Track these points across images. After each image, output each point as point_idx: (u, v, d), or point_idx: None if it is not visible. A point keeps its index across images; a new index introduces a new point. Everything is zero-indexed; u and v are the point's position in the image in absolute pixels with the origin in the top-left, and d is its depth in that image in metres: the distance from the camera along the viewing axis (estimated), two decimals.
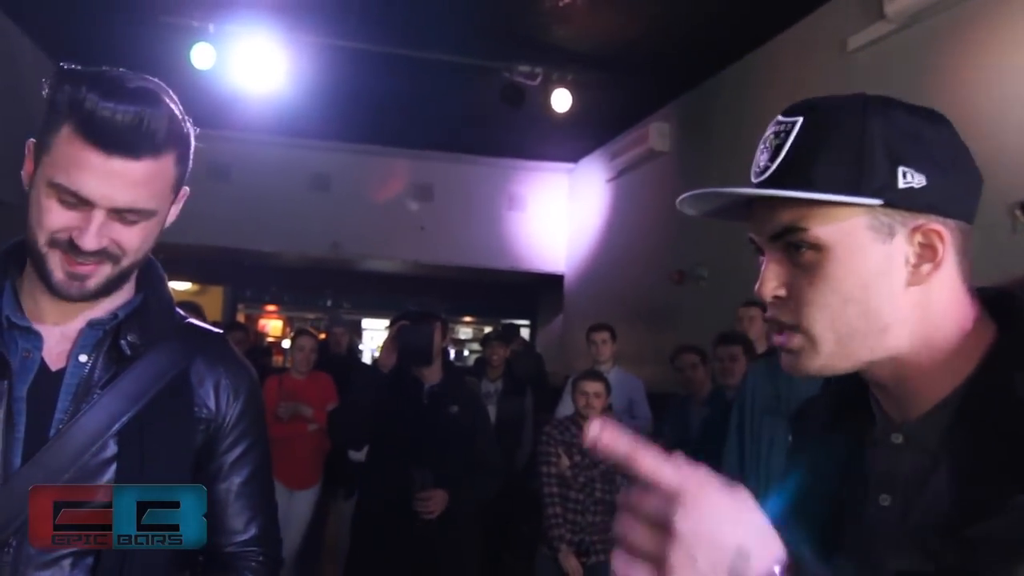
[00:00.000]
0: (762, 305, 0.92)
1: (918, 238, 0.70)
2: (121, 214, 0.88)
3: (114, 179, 0.86)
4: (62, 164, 0.85)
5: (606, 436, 0.54)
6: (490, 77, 5.38)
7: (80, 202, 0.86)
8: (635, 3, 4.51)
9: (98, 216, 0.86)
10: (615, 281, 6.68)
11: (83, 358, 0.94)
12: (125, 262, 0.91)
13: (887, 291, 0.70)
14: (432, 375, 2.57)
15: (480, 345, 5.19)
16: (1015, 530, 0.58)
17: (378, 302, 8.96)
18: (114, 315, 0.96)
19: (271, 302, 9.41)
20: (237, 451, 1.05)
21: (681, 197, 0.78)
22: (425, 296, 8.68)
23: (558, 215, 7.76)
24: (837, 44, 4.02)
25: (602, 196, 6.98)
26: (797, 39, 4.50)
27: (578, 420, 3.12)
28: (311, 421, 3.72)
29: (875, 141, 0.69)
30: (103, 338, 0.96)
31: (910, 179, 0.69)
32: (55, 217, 0.87)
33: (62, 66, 0.88)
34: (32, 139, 0.91)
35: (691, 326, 4.66)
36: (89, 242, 0.86)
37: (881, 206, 0.69)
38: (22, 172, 0.92)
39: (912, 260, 0.70)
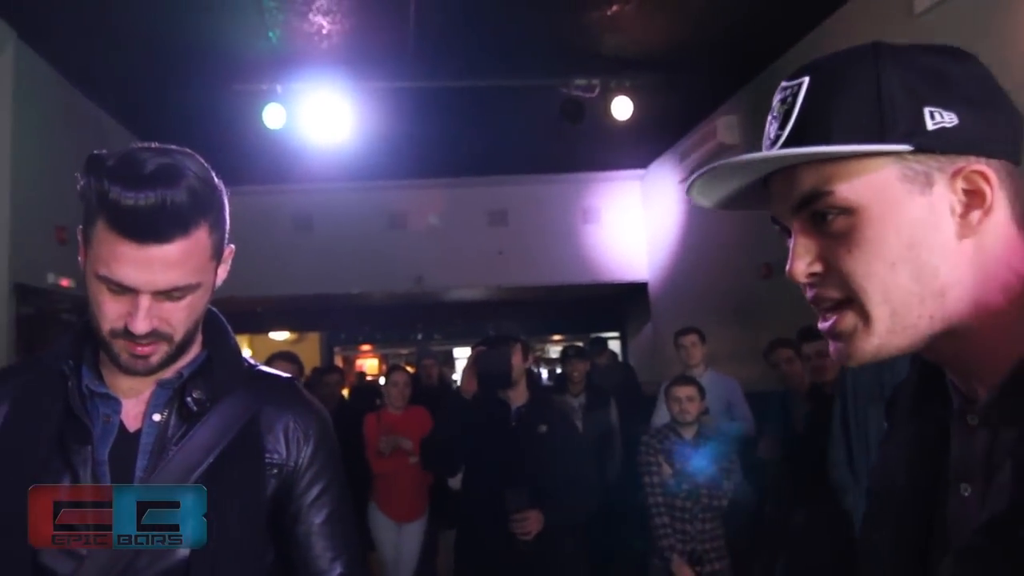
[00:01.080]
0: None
1: (961, 183, 0.62)
2: (166, 294, 0.92)
3: (152, 265, 0.89)
4: (103, 257, 0.89)
5: None
6: (548, 95, 5.41)
7: (125, 290, 0.90)
8: (682, 1, 4.46)
9: (144, 301, 0.90)
10: (700, 282, 6.55)
11: (156, 417, 0.99)
12: (178, 336, 0.96)
13: (938, 247, 0.62)
14: (518, 397, 2.60)
15: (560, 362, 5.18)
16: None
17: (466, 330, 9.10)
18: (180, 374, 1.01)
19: (365, 342, 9.71)
20: (313, 492, 1.06)
21: (688, 183, 0.71)
22: (511, 319, 8.78)
23: (634, 223, 7.69)
24: (903, 8, 3.85)
25: (676, 198, 6.87)
26: (859, 10, 4.33)
27: (675, 427, 3.08)
28: (411, 454, 3.80)
29: (893, 84, 0.62)
30: (173, 396, 1.00)
31: (940, 119, 0.61)
32: (108, 307, 0.92)
33: (90, 156, 0.91)
34: (79, 228, 0.95)
35: (783, 320, 4.49)
36: (140, 326, 0.90)
37: (912, 152, 0.61)
38: (78, 259, 0.96)
39: (959, 209, 0.62)
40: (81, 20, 4.12)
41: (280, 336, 9.93)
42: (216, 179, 0.98)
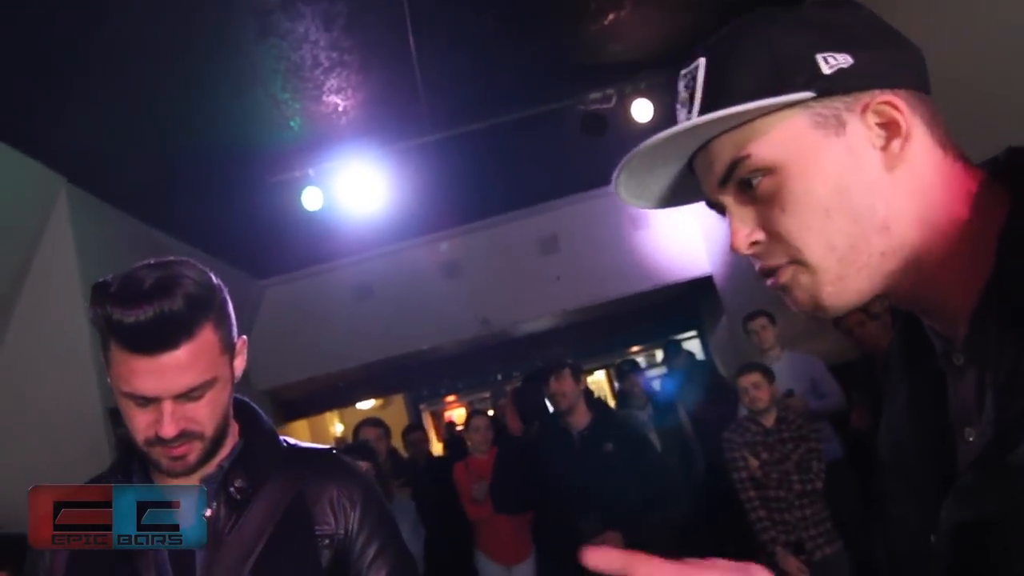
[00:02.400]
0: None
1: (872, 117, 0.62)
2: (185, 396, 0.99)
3: (165, 372, 0.96)
4: (123, 375, 0.97)
5: (593, 559, 0.56)
6: (568, 115, 5.46)
7: (148, 401, 0.97)
8: None
9: (167, 407, 0.98)
10: None
11: (207, 512, 1.04)
12: (209, 432, 1.02)
13: (868, 184, 0.62)
14: (579, 420, 2.60)
15: (618, 380, 5.09)
16: None
17: (541, 359, 9.11)
18: (221, 467, 1.07)
19: (448, 393, 9.83)
20: (369, 554, 1.09)
21: (613, 183, 0.72)
22: (584, 341, 8.75)
23: (685, 218, 7.61)
24: None
25: None
26: None
27: (753, 417, 3.02)
28: None
29: (783, 42, 0.63)
30: (218, 490, 1.06)
31: (835, 62, 0.61)
32: (138, 420, 0.99)
33: (94, 285, 0.99)
34: (102, 353, 1.03)
35: None
36: (168, 431, 0.97)
37: (816, 98, 0.61)
38: (108, 378, 1.04)
39: (879, 142, 0.62)
40: (122, 152, 4.44)
41: (367, 404, 10.16)
42: (214, 280, 1.06)
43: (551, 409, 2.60)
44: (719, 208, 0.71)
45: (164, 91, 4.00)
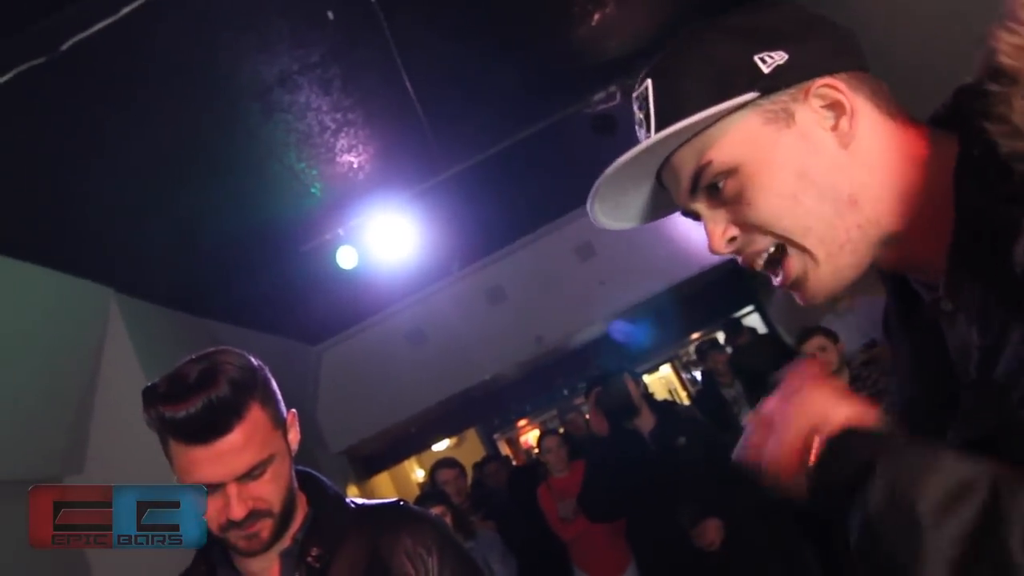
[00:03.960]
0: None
1: (816, 101, 0.66)
2: (247, 476, 1.02)
3: (223, 458, 1.00)
4: (185, 467, 1.01)
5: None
6: (576, 121, 5.46)
7: (213, 488, 1.01)
8: None
9: (232, 490, 1.01)
10: None
11: None
12: (277, 508, 1.05)
13: (826, 164, 0.66)
14: (646, 422, 2.60)
15: (700, 362, 5.04)
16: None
17: (608, 366, 9.04)
18: (295, 540, 1.10)
19: (518, 418, 9.82)
20: None
21: (590, 212, 0.79)
22: (649, 335, 8.66)
23: None
24: None
25: None
26: None
27: None
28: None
29: (721, 52, 0.68)
30: (297, 562, 1.08)
31: (771, 60, 0.66)
32: (208, 509, 1.02)
33: (144, 390, 1.04)
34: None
35: None
36: (237, 512, 1.00)
37: (761, 96, 0.66)
38: (173, 475, 1.08)
39: (828, 124, 0.66)
40: (160, 252, 4.60)
41: (442, 445, 10.21)
42: (255, 361, 1.10)
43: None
44: (694, 216, 0.75)
45: (187, 188, 4.14)
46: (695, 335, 9.75)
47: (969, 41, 0.63)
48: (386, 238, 5.34)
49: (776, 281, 0.72)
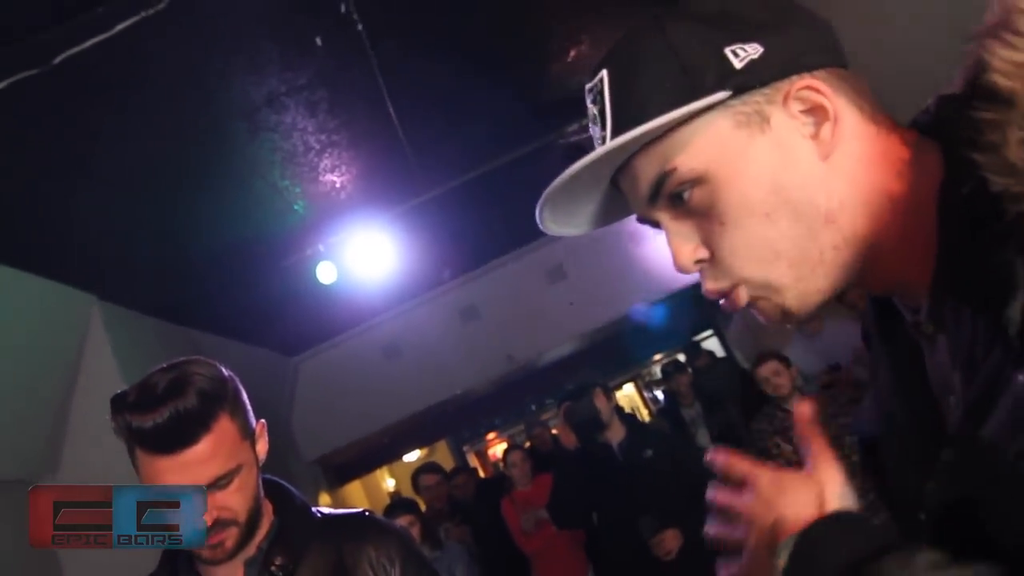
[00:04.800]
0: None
1: (796, 105, 0.57)
2: (214, 486, 1.00)
3: (189, 468, 0.98)
4: (150, 476, 0.99)
5: (720, 459, 0.66)
6: (550, 151, 5.50)
7: None
8: (624, 18, 4.51)
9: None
10: None
11: None
12: (242, 517, 1.03)
13: (803, 177, 0.56)
14: (616, 434, 2.61)
15: (664, 382, 5.07)
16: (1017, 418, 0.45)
17: (571, 383, 9.04)
18: (260, 549, 1.07)
19: (487, 431, 9.77)
20: None
21: (538, 220, 0.68)
22: (608, 359, 8.69)
23: None
24: None
25: None
26: None
27: (779, 404, 2.96)
28: (550, 522, 3.77)
29: (685, 43, 0.58)
30: (260, 570, 1.06)
31: (744, 53, 0.56)
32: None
33: (112, 398, 1.03)
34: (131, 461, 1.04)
35: None
36: (231, 505, 1.00)
37: (732, 96, 0.56)
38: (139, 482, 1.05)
39: (807, 131, 0.57)
40: (145, 262, 4.52)
41: (413, 456, 10.11)
42: (225, 372, 1.08)
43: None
44: (652, 223, 0.66)
45: (173, 201, 4.09)
46: (657, 356, 9.81)
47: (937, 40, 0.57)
48: (365, 255, 5.31)
49: (724, 303, 0.65)
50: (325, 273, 5.23)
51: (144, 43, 2.84)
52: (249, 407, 1.10)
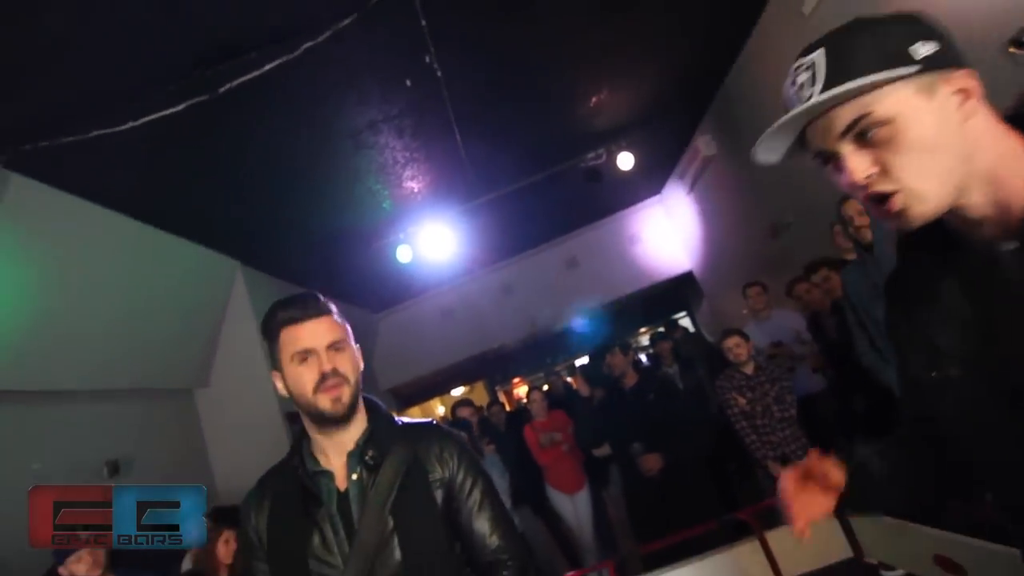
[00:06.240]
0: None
1: (951, 87, 0.64)
2: (333, 347, 1.02)
3: (317, 330, 1.02)
4: (291, 341, 1.02)
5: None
6: (573, 172, 5.46)
7: (309, 354, 1.01)
8: (634, 73, 4.44)
9: (322, 353, 1.02)
10: (727, 256, 6.25)
11: (354, 476, 1.05)
12: (351, 380, 1.03)
13: (953, 129, 0.63)
14: (629, 381, 2.61)
15: (651, 346, 5.04)
16: None
17: (580, 346, 9.02)
18: (357, 444, 1.07)
19: (514, 376, 9.81)
20: (468, 491, 1.08)
21: (754, 150, 0.70)
22: (607, 328, 8.63)
23: (666, 231, 7.49)
24: (796, 13, 3.66)
25: (690, 205, 6.66)
26: (767, 28, 4.16)
27: (737, 367, 2.93)
28: (563, 443, 3.80)
29: (889, 35, 0.64)
30: (358, 460, 1.06)
31: (925, 49, 0.63)
32: (306, 375, 1.01)
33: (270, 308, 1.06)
34: (272, 369, 1.07)
35: (794, 264, 4.23)
36: (327, 366, 1.01)
37: (917, 72, 0.63)
38: (278, 389, 1.06)
39: (956, 103, 0.64)
40: (277, 237, 4.62)
41: (458, 391, 10.23)
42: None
43: (610, 375, 2.64)
44: (827, 157, 0.68)
45: (298, 196, 4.15)
46: (643, 329, 9.73)
47: None
48: (432, 242, 5.34)
49: (877, 211, 0.66)
50: (403, 254, 5.28)
51: (283, 80, 2.88)
52: (350, 329, 1.12)
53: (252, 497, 1.06)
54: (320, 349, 1.02)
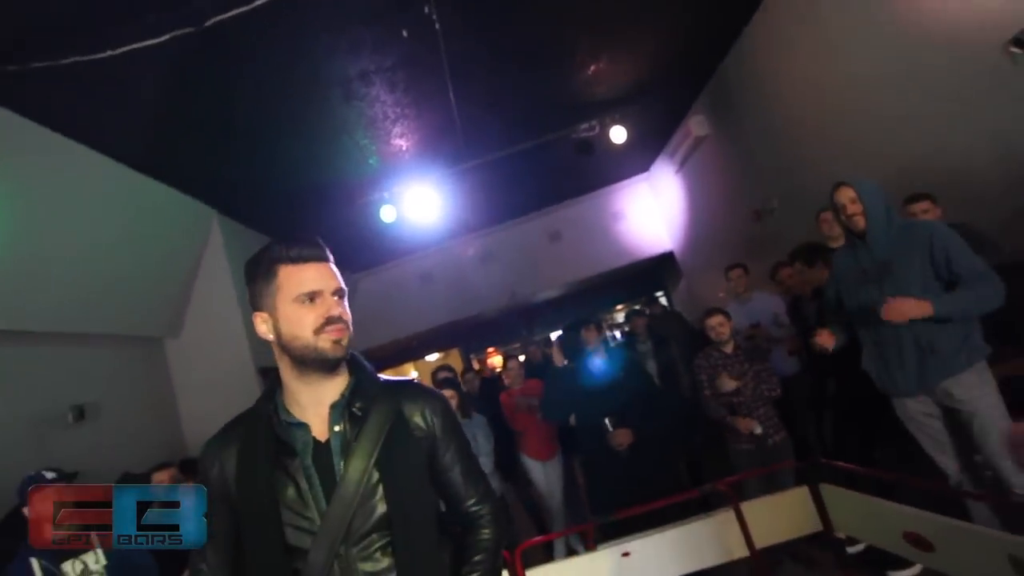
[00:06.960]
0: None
1: None
2: (337, 294, 1.00)
3: (325, 273, 0.99)
4: (295, 284, 0.97)
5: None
6: (564, 142, 5.39)
7: (315, 296, 0.98)
8: (634, 46, 4.36)
9: (329, 296, 0.99)
10: (709, 238, 6.31)
11: (337, 428, 1.02)
12: (350, 328, 1.02)
13: None
14: (600, 357, 2.61)
15: (626, 323, 5.08)
16: None
17: (556, 319, 9.09)
18: (343, 396, 1.05)
19: (489, 346, 9.85)
20: (445, 445, 1.09)
21: None
22: (585, 303, 8.71)
23: (651, 210, 7.50)
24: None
25: (677, 185, 6.67)
26: (766, 14, 4.11)
27: (717, 346, 2.96)
28: (538, 411, 3.83)
29: None
30: (343, 411, 1.04)
31: None
32: (308, 316, 0.98)
33: (266, 246, 1.03)
34: (255, 310, 1.02)
35: (776, 250, 4.29)
36: (336, 310, 0.98)
37: None
38: (259, 332, 1.02)
39: None
40: (257, 188, 4.47)
41: (432, 357, 10.22)
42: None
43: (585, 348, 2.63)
44: None
45: (283, 144, 4.01)
46: (619, 306, 9.84)
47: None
48: (418, 204, 5.25)
49: None
50: (387, 214, 5.18)
51: (272, 17, 2.74)
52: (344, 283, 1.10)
53: (216, 444, 1.02)
54: (327, 292, 0.99)
